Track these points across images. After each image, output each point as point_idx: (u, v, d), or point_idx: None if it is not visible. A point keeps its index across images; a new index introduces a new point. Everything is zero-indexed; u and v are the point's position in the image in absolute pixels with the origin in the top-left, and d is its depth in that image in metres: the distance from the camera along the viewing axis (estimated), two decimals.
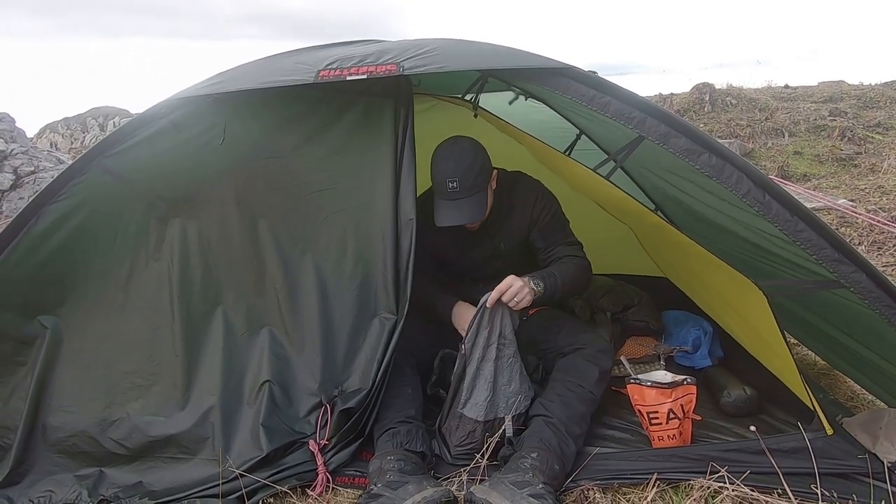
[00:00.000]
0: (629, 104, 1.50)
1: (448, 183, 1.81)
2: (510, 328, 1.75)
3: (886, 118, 7.34)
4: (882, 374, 1.78)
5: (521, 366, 1.76)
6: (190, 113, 1.78)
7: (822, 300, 1.72)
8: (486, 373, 1.71)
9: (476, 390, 1.71)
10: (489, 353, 1.72)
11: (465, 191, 1.82)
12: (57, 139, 14.00)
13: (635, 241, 2.79)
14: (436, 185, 1.88)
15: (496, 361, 1.72)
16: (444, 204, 1.85)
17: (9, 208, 5.80)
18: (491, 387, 1.70)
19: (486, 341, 1.72)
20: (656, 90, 8.70)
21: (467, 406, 1.70)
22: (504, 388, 1.72)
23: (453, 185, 1.80)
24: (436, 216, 1.86)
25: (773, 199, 1.41)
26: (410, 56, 1.59)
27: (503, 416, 1.69)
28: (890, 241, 3.96)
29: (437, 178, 1.86)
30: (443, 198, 1.85)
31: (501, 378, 1.72)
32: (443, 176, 1.82)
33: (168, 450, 1.67)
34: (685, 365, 2.24)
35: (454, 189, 1.81)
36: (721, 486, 1.46)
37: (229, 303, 1.77)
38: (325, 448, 1.64)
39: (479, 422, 1.68)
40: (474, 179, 1.83)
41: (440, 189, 1.85)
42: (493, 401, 1.70)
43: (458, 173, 1.81)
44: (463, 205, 1.83)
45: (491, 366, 1.71)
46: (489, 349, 1.72)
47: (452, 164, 1.82)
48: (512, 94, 2.64)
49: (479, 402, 1.70)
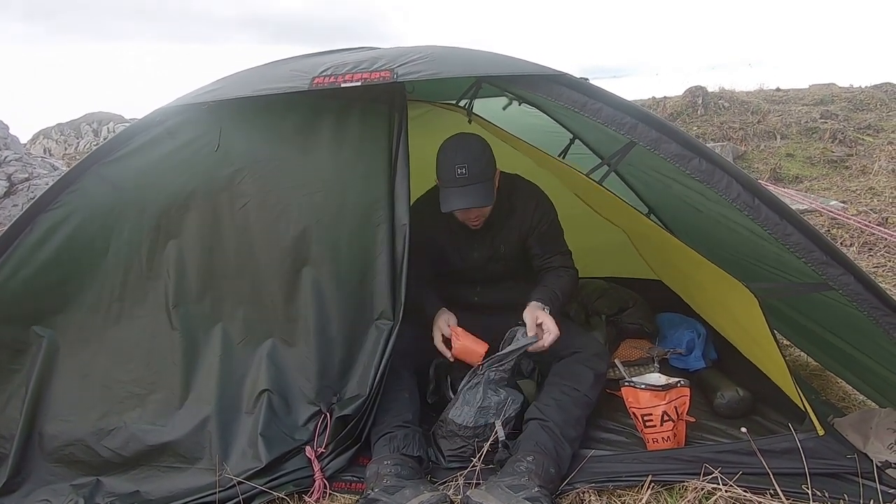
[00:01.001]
0: (621, 110, 1.52)
1: (457, 169, 1.81)
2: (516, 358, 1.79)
3: (877, 120, 7.42)
4: (872, 375, 1.80)
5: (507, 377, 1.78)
6: (185, 120, 1.79)
7: (812, 302, 1.74)
8: (482, 383, 1.75)
9: (468, 400, 1.74)
10: (492, 371, 1.76)
11: (474, 177, 1.83)
12: (51, 145, 13.94)
13: (629, 245, 2.81)
14: (444, 173, 1.87)
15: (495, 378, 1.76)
16: (453, 191, 1.84)
17: (2, 215, 5.77)
18: (482, 394, 1.73)
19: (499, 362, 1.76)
20: (650, 93, 8.77)
21: (460, 415, 1.72)
22: (493, 397, 1.75)
23: (462, 171, 1.81)
24: (443, 203, 1.86)
25: (763, 202, 1.43)
26: (404, 63, 1.61)
27: (493, 421, 1.71)
28: (880, 243, 4.00)
29: (445, 167, 1.86)
30: (451, 185, 1.84)
31: (489, 388, 1.75)
32: (451, 163, 1.83)
33: (165, 459, 1.66)
34: (679, 367, 2.25)
35: (463, 175, 1.81)
36: (714, 488, 1.48)
37: (226, 311, 1.77)
38: (322, 455, 1.64)
39: (469, 427, 1.70)
40: (483, 167, 1.85)
41: (448, 177, 1.85)
42: (482, 407, 1.72)
43: (467, 160, 1.82)
44: (471, 191, 1.83)
45: (483, 379, 1.76)
46: (495, 368, 1.76)
47: (461, 153, 1.85)
48: (505, 99, 2.66)
49: (469, 409, 1.72)
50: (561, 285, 2.00)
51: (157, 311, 1.75)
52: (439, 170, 1.90)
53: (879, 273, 3.58)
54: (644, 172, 2.06)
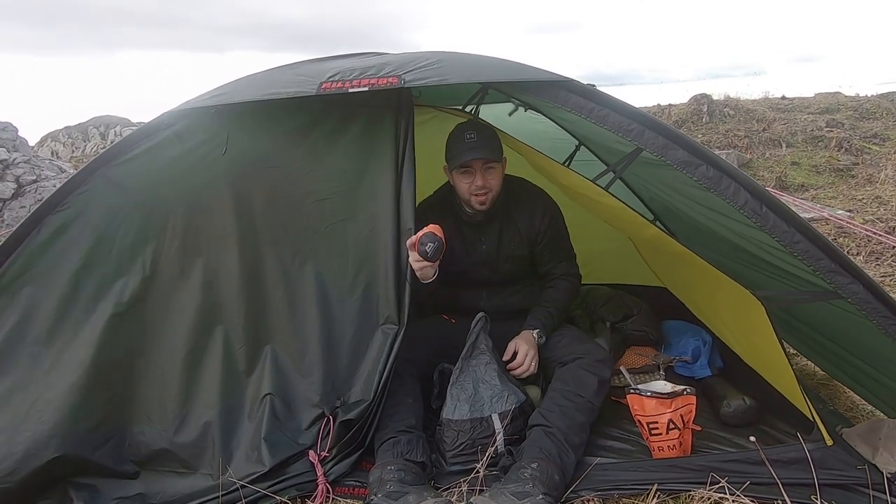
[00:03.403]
0: (627, 116, 1.52)
1: (466, 134, 1.93)
2: (484, 343, 1.85)
3: (883, 129, 7.40)
4: (880, 385, 1.78)
5: (497, 370, 1.81)
6: (193, 124, 1.80)
7: (819, 311, 1.73)
8: (463, 379, 1.79)
9: (457, 395, 1.76)
10: (465, 364, 1.81)
11: (483, 140, 1.93)
12: (58, 148, 14.07)
13: (635, 251, 2.80)
14: (454, 144, 1.97)
15: (472, 369, 1.80)
16: (462, 150, 1.92)
17: (10, 217, 5.81)
18: (471, 388, 1.76)
19: (468, 354, 1.82)
20: (654, 101, 8.78)
21: (453, 411, 1.73)
22: (484, 390, 1.77)
23: (471, 135, 1.93)
24: (452, 162, 1.95)
25: (770, 210, 1.42)
26: (412, 69, 1.61)
27: (488, 414, 1.71)
28: (887, 252, 3.97)
29: (455, 139, 1.97)
30: (461, 148, 1.93)
31: (478, 381, 1.78)
32: (461, 132, 1.96)
33: (168, 463, 1.66)
34: (684, 375, 2.24)
35: (472, 139, 1.92)
36: (721, 497, 1.46)
37: (229, 314, 1.76)
38: (325, 459, 1.64)
39: (465, 421, 1.71)
40: (490, 137, 1.96)
41: (458, 142, 1.95)
42: (475, 400, 1.74)
43: (476, 129, 1.96)
44: (480, 145, 1.92)
45: (467, 374, 1.79)
46: (466, 361, 1.82)
47: (470, 125, 2.01)
48: (512, 105, 2.67)
49: (462, 403, 1.74)
50: (560, 300, 2.10)
51: (158, 314, 1.75)
52: (450, 147, 1.99)
53: (887, 282, 3.55)
54: (649, 182, 2.05)
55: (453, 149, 1.97)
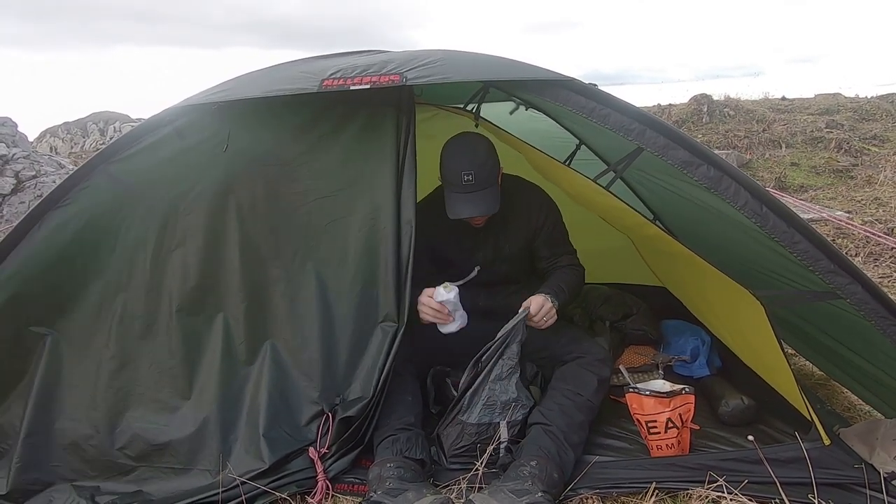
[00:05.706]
0: (628, 116, 1.53)
1: (464, 176, 1.83)
2: (518, 341, 1.77)
3: (882, 131, 7.41)
4: (878, 385, 1.79)
5: (518, 376, 1.77)
6: (194, 120, 1.80)
7: (818, 311, 1.73)
8: (488, 381, 1.73)
9: (477, 397, 1.72)
10: (495, 365, 1.74)
11: (481, 183, 1.85)
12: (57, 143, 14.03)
13: (634, 251, 2.80)
14: (449, 178, 1.88)
15: (499, 371, 1.74)
16: (460, 197, 1.86)
17: (10, 212, 5.80)
18: (489, 393, 1.72)
19: (499, 353, 1.75)
20: (654, 101, 8.78)
21: (467, 413, 1.72)
22: (500, 395, 1.73)
23: (469, 178, 1.83)
24: (450, 209, 1.87)
25: (770, 210, 1.43)
26: (413, 67, 1.61)
27: (498, 421, 1.70)
28: (886, 253, 3.98)
29: (451, 171, 1.87)
30: (458, 191, 1.86)
31: (499, 386, 1.74)
32: (458, 168, 1.84)
33: (167, 460, 1.66)
34: (683, 374, 2.25)
35: (470, 182, 1.83)
36: (719, 496, 1.47)
37: (229, 311, 1.76)
38: (325, 455, 1.64)
39: (472, 424, 1.70)
40: (489, 173, 1.87)
41: (454, 182, 1.86)
42: (488, 405, 1.72)
43: (473, 167, 1.83)
44: (478, 197, 1.85)
45: (493, 375, 1.74)
46: (498, 361, 1.74)
47: (467, 158, 1.86)
48: (513, 104, 2.67)
49: (477, 407, 1.71)
50: (567, 280, 2.02)
51: (159, 310, 1.75)
52: (444, 171, 1.91)
53: (885, 283, 3.56)
54: (650, 178, 2.06)
55: (449, 180, 1.87)
